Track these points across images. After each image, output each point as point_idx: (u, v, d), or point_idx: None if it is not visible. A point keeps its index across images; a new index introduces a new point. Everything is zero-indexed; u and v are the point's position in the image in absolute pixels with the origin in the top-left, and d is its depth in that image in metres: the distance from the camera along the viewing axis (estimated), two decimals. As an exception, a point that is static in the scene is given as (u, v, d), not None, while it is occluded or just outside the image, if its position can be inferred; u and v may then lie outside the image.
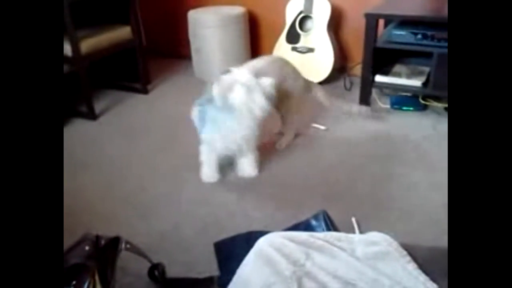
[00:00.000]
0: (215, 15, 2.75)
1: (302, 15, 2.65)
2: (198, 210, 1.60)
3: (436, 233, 1.34)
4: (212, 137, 1.62)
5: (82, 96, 2.40)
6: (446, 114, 2.19)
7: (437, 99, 2.26)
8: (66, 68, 2.38)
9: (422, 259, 0.76)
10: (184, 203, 1.65)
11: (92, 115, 2.43)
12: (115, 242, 1.21)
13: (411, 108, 2.29)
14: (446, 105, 2.22)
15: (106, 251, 1.19)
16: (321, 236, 0.74)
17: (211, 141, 1.64)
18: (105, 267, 1.12)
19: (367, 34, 2.11)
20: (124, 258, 1.18)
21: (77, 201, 1.64)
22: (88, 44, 2.33)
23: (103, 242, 1.20)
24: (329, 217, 1.28)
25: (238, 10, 2.82)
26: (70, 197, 1.50)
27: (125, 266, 1.24)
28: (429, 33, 2.00)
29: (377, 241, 0.76)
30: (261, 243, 0.79)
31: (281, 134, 2.00)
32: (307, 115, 2.02)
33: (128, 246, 1.21)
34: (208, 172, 1.75)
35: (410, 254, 0.77)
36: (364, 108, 2.12)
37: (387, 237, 0.77)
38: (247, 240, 1.33)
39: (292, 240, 0.73)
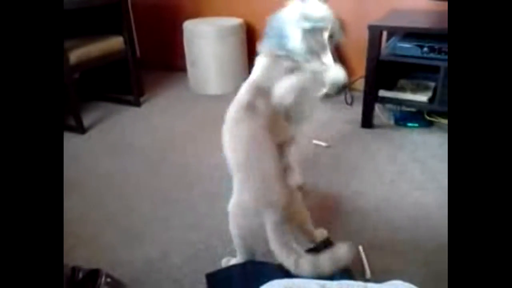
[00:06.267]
0: (211, 27, 2.65)
1: (301, 27, 2.55)
2: (189, 235, 1.47)
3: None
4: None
5: (70, 109, 2.27)
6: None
7: (444, 115, 2.15)
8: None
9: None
10: (173, 227, 1.52)
11: (80, 129, 2.30)
12: (94, 275, 1.09)
13: (416, 125, 2.19)
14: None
15: (84, 286, 1.06)
16: (334, 286, 0.62)
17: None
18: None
19: (370, 46, 2.01)
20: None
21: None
22: (77, 54, 2.22)
23: (80, 275, 1.08)
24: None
25: (235, 21, 2.73)
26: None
27: (104, 303, 1.10)
28: (436, 46, 1.90)
29: (400, 292, 0.64)
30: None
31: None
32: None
33: (108, 280, 1.08)
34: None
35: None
36: None
37: (411, 286, 0.64)
38: (243, 273, 1.20)
39: (299, 291, 0.61)
